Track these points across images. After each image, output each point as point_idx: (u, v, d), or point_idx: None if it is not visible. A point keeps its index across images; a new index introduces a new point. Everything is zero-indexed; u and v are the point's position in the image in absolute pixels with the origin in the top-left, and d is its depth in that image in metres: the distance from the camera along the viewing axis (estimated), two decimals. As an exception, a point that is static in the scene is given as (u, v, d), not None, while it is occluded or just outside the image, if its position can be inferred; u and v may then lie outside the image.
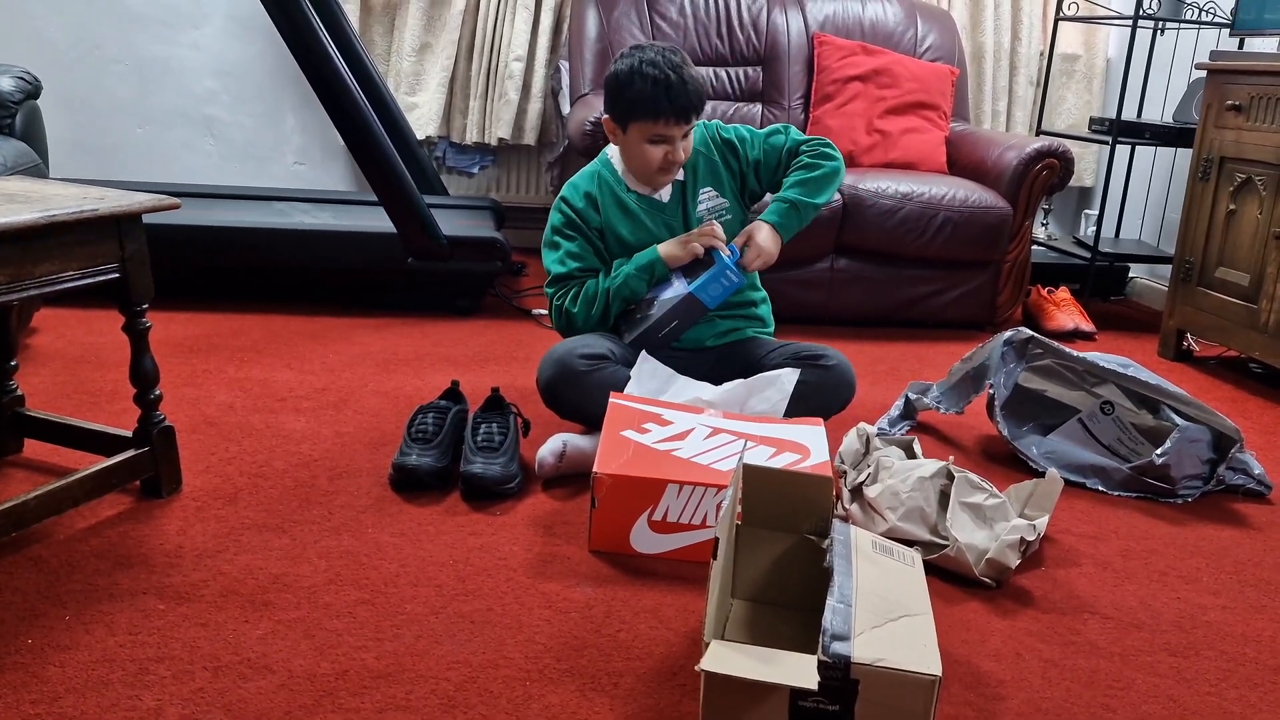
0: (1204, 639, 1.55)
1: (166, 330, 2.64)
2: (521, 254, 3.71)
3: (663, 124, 1.97)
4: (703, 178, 2.13)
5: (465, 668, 1.34)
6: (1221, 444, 2.06)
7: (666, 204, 2.11)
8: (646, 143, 2.01)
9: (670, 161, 2.02)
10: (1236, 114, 2.83)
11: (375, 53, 3.67)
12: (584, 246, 2.10)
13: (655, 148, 2.01)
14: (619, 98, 2.00)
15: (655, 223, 2.10)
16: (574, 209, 2.11)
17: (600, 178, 2.13)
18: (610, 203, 2.10)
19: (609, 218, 2.10)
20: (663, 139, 2.00)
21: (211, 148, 3.72)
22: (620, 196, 2.10)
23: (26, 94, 2.61)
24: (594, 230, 2.11)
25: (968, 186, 3.14)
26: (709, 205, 2.13)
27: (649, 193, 2.11)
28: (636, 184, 2.11)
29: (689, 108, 1.97)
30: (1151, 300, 3.81)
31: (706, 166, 2.14)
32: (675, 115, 1.96)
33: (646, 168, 2.04)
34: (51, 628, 1.37)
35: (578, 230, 2.10)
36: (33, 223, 1.41)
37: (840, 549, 1.35)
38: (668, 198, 2.11)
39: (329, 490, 1.83)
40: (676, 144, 2.01)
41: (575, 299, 2.08)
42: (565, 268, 2.10)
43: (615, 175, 2.12)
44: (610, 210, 2.10)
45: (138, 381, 1.69)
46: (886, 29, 3.55)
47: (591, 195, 2.11)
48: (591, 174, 2.15)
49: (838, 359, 2.07)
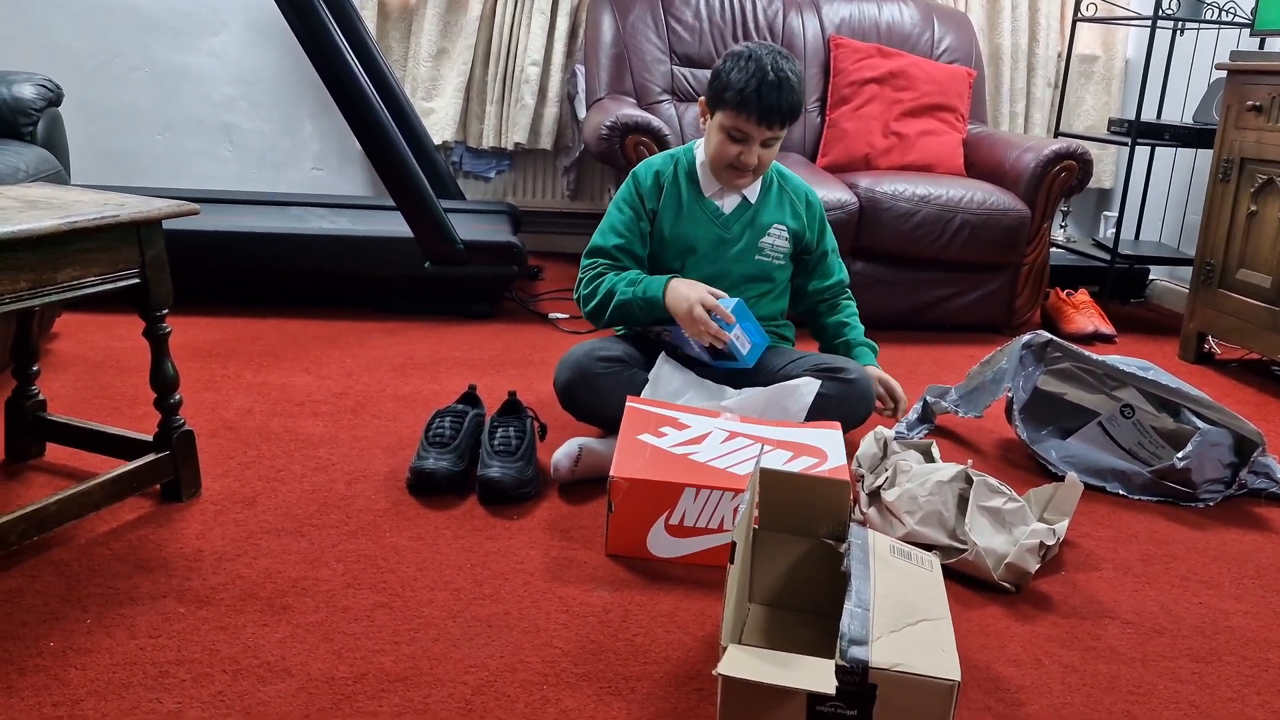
0: (1226, 644, 1.54)
1: (186, 335, 2.66)
2: (538, 258, 3.72)
3: (744, 119, 1.95)
4: (776, 210, 2.12)
5: (482, 671, 1.35)
6: (1243, 448, 2.04)
7: (725, 215, 2.09)
8: (725, 134, 1.99)
9: (742, 163, 2.00)
10: (1257, 114, 2.80)
11: (392, 58, 3.69)
12: (632, 225, 2.09)
13: (732, 144, 1.99)
14: (716, 79, 1.98)
15: (704, 229, 2.08)
16: (639, 185, 2.10)
17: (677, 163, 2.12)
18: (672, 191, 2.09)
19: (665, 204, 2.09)
20: (741, 136, 1.97)
21: (230, 154, 3.74)
22: (683, 188, 2.09)
23: (48, 101, 2.63)
24: (649, 212, 2.09)
25: (985, 189, 3.13)
26: (774, 242, 2.12)
27: (715, 193, 2.09)
28: (708, 180, 2.09)
29: (775, 112, 1.94)
30: (1172, 303, 3.78)
31: (786, 204, 2.13)
32: (760, 115, 1.94)
33: (719, 160, 2.03)
34: (73, 631, 1.38)
35: (633, 208, 2.09)
36: (54, 229, 1.43)
37: (858, 553, 1.34)
38: (729, 210, 2.09)
39: (347, 494, 1.84)
40: (752, 147, 1.98)
41: (595, 282, 2.07)
42: (605, 240, 2.10)
43: (692, 165, 2.10)
44: (669, 198, 2.09)
45: (158, 386, 1.71)
46: (903, 31, 3.55)
47: (661, 176, 2.10)
48: (671, 156, 2.14)
49: (859, 372, 2.04)
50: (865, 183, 3.09)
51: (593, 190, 3.92)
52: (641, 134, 2.85)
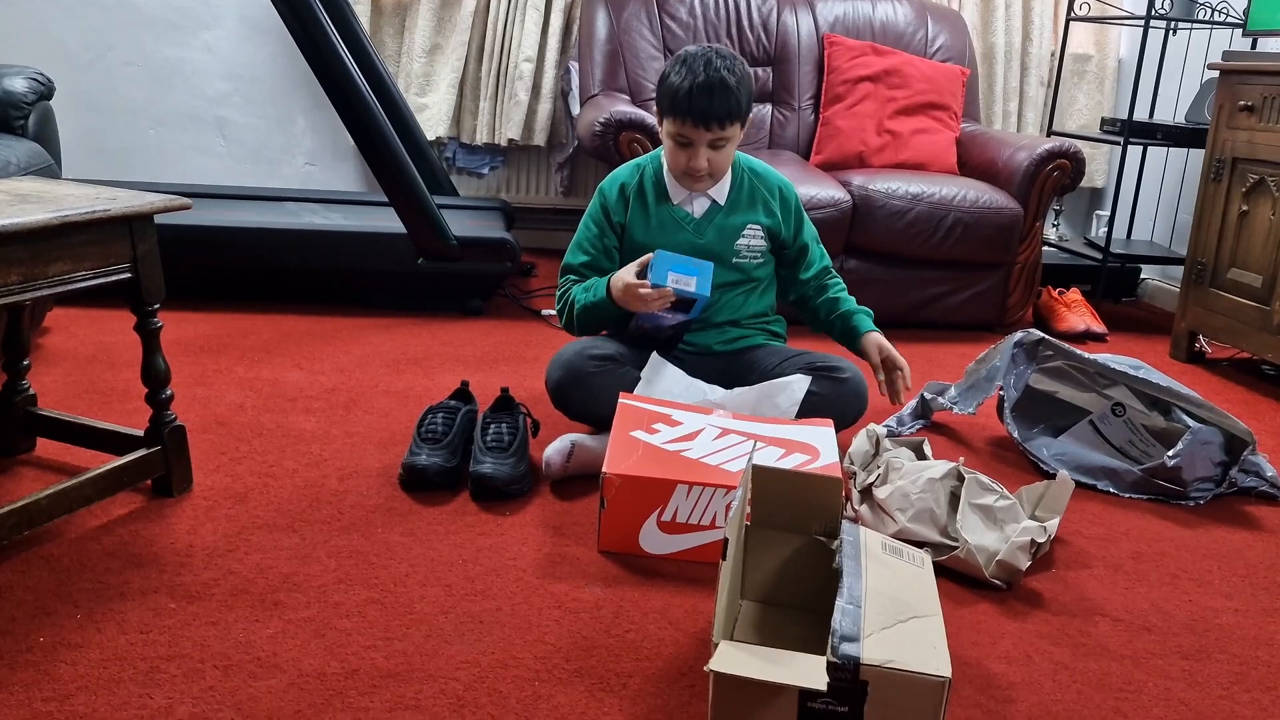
0: (1216, 642, 1.55)
1: (178, 330, 2.65)
2: (531, 254, 3.72)
3: (684, 124, 1.93)
4: (748, 210, 2.09)
5: (474, 667, 1.35)
6: (1234, 446, 2.05)
7: (696, 220, 2.07)
8: (672, 140, 1.98)
9: (692, 168, 1.98)
10: (1249, 114, 2.81)
11: (386, 54, 3.68)
12: (597, 241, 2.08)
13: (680, 150, 1.97)
14: (658, 87, 1.98)
15: (673, 233, 2.06)
16: (606, 201, 2.10)
17: (643, 171, 2.10)
18: (638, 200, 2.08)
19: (633, 214, 2.08)
20: (686, 140, 1.95)
21: (223, 149, 3.73)
22: (649, 196, 2.07)
23: (39, 95, 2.62)
24: (615, 226, 2.09)
25: (978, 187, 3.13)
26: (750, 242, 2.09)
27: (684, 199, 2.07)
28: (675, 186, 2.07)
29: (709, 115, 1.90)
30: (1163, 302, 3.80)
31: (759, 201, 2.10)
32: (696, 118, 1.91)
33: (672, 166, 2.03)
34: (63, 626, 1.37)
35: (598, 224, 2.09)
36: (45, 223, 1.42)
37: (849, 550, 1.34)
38: (700, 214, 2.07)
39: (339, 490, 1.83)
40: (699, 150, 1.95)
41: (564, 298, 2.09)
42: (573, 258, 2.11)
43: (659, 172, 2.09)
44: (635, 208, 2.08)
45: (149, 381, 1.70)
46: (897, 30, 3.55)
47: (626, 189, 2.09)
48: (637, 165, 2.12)
49: (852, 371, 2.04)
50: (858, 181, 3.10)
51: (586, 187, 3.92)
52: (635, 130, 2.85)
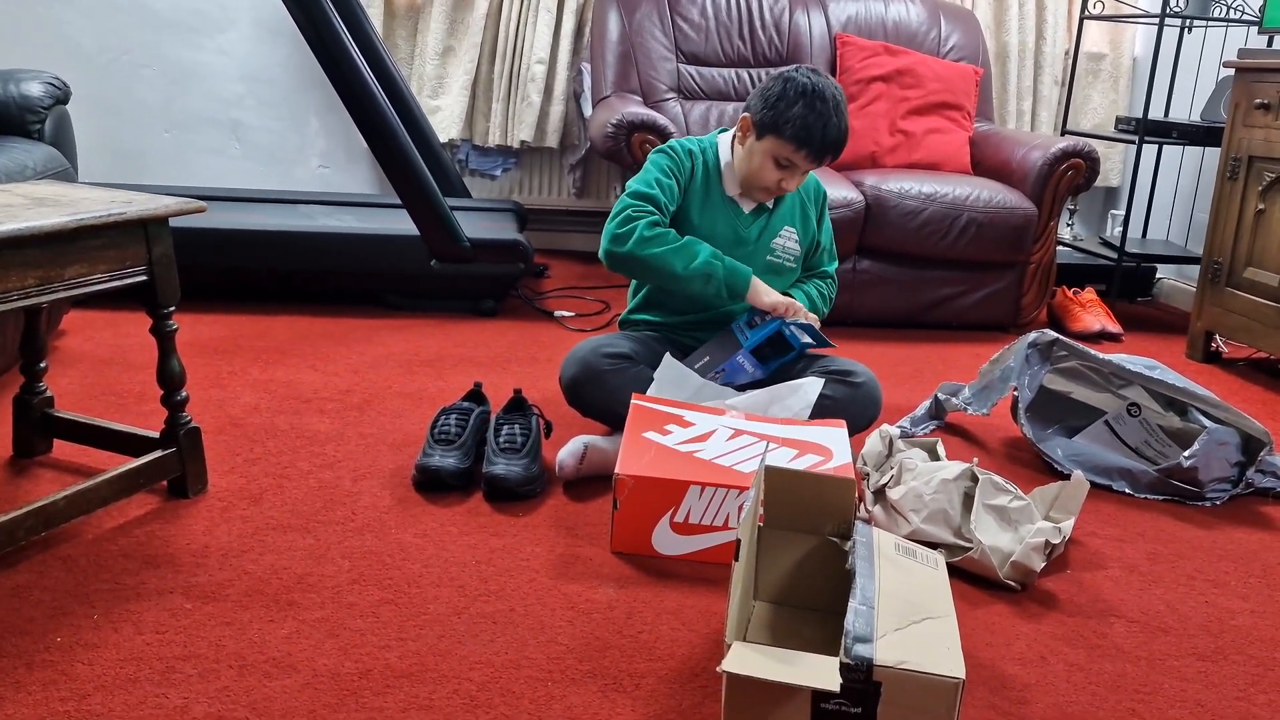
0: (1232, 643, 1.54)
1: (193, 332, 2.66)
2: (544, 256, 3.72)
3: (801, 154, 1.95)
4: (789, 213, 2.13)
5: (487, 668, 1.35)
6: (1250, 447, 2.03)
7: (744, 214, 2.09)
8: (772, 160, 1.98)
9: (784, 189, 2.02)
10: (1265, 112, 2.79)
11: (399, 56, 3.69)
12: (672, 188, 2.03)
13: (776, 170, 1.99)
14: (777, 108, 1.95)
15: (723, 224, 2.08)
16: (679, 157, 2.06)
17: (704, 154, 2.10)
18: (700, 178, 2.08)
19: (694, 188, 2.07)
20: (789, 165, 1.98)
21: (237, 151, 3.75)
22: (711, 179, 2.08)
23: (56, 99, 2.64)
24: (683, 187, 2.06)
25: (992, 187, 3.12)
26: (785, 243, 2.12)
27: (736, 194, 2.09)
28: (731, 180, 2.08)
29: (830, 153, 1.97)
30: (1179, 301, 3.77)
31: (797, 208, 2.14)
32: (815, 153, 1.95)
33: (757, 180, 2.02)
34: (80, 626, 1.38)
35: (673, 175, 2.05)
36: (62, 226, 1.43)
37: (862, 551, 1.34)
38: (748, 210, 2.10)
39: (352, 491, 1.84)
40: (796, 176, 2.00)
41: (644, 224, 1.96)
42: (649, 187, 2.01)
43: (716, 161, 2.09)
44: (698, 184, 2.08)
45: (164, 383, 1.71)
46: (910, 29, 3.54)
47: (694, 158, 2.08)
48: (698, 145, 2.11)
49: (866, 376, 2.05)
50: (871, 181, 3.09)
51: (598, 188, 3.92)
52: (648, 132, 2.85)
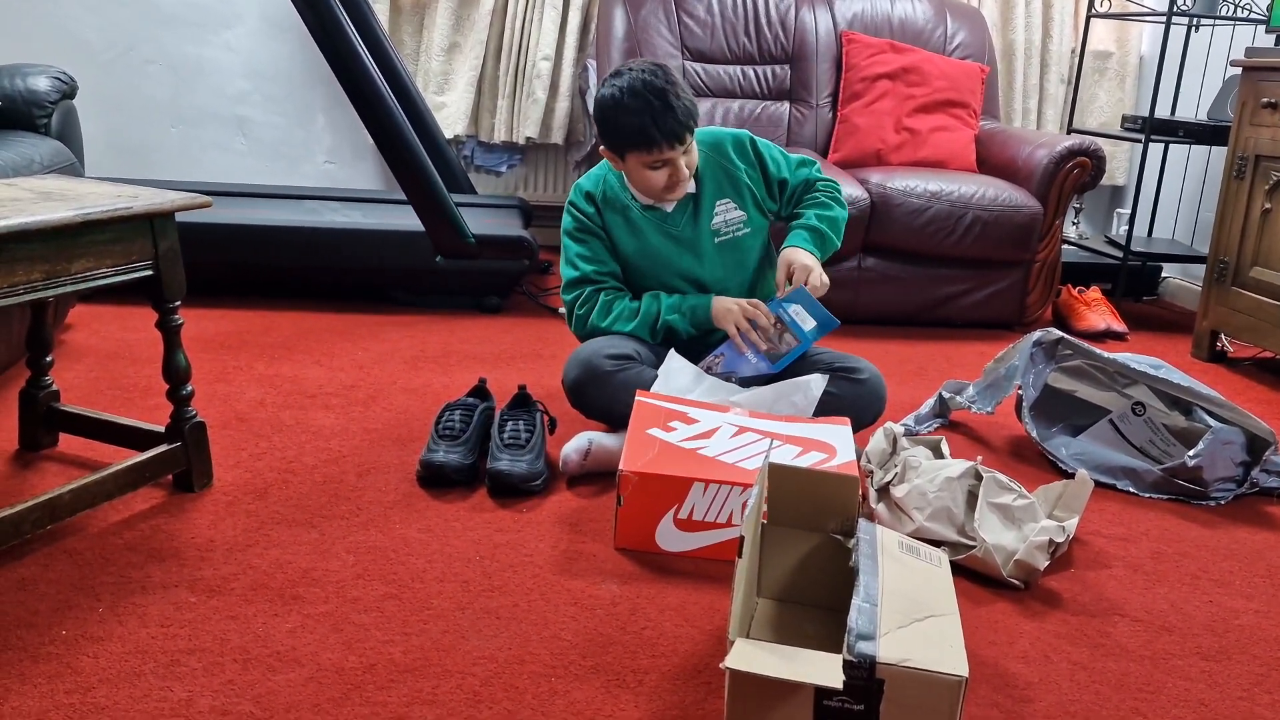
0: (1236, 643, 1.53)
1: (198, 327, 2.67)
2: (549, 252, 3.72)
3: (658, 151, 1.93)
4: (714, 189, 2.08)
5: (491, 663, 1.35)
6: (1255, 446, 2.03)
7: (671, 215, 2.07)
8: (647, 170, 1.97)
9: (675, 181, 1.99)
10: (1272, 111, 2.78)
11: (404, 52, 3.69)
12: (595, 248, 2.07)
13: (657, 172, 1.97)
14: (610, 131, 1.96)
15: (659, 234, 2.07)
16: (582, 211, 2.08)
17: (606, 182, 2.09)
18: (613, 210, 2.07)
19: (610, 224, 2.07)
20: (663, 163, 1.96)
21: (243, 147, 3.75)
22: (625, 204, 2.07)
23: (62, 94, 2.64)
24: (602, 228, 2.08)
25: (998, 185, 3.12)
26: (725, 217, 2.09)
27: (652, 201, 2.07)
28: (640, 193, 2.07)
29: (681, 130, 1.92)
30: (1185, 300, 3.77)
31: (723, 176, 2.09)
32: (668, 140, 1.91)
33: (652, 192, 2.01)
34: (85, 619, 1.39)
35: (588, 232, 2.07)
36: (68, 220, 1.44)
37: (866, 548, 1.34)
38: (671, 209, 2.07)
39: (357, 486, 1.84)
40: (678, 163, 1.96)
41: (596, 309, 2.05)
42: (578, 271, 2.07)
43: (621, 182, 2.08)
44: (612, 217, 2.07)
45: (170, 377, 1.72)
46: (916, 27, 3.53)
47: (594, 197, 2.08)
48: (598, 177, 2.11)
49: (871, 372, 2.04)
50: (877, 179, 3.09)
51: (604, 185, 3.92)
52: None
